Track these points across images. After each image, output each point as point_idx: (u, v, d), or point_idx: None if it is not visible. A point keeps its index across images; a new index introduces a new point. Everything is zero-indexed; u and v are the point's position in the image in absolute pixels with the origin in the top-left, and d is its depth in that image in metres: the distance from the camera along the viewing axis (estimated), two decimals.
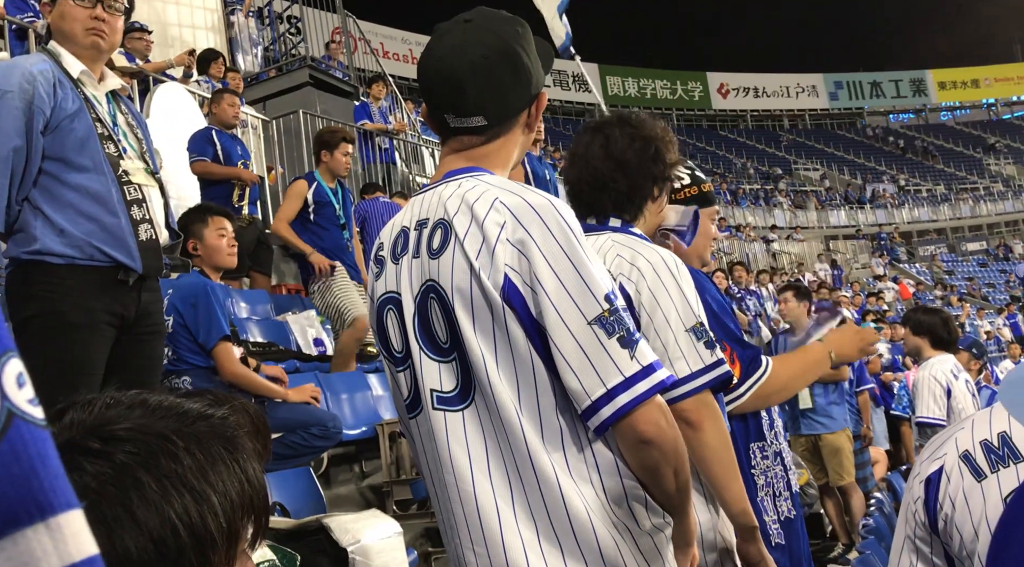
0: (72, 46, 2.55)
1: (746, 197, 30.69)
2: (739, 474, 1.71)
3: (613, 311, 1.26)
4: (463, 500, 1.31)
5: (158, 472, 0.65)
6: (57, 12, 2.55)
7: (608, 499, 1.29)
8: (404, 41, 35.05)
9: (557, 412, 1.29)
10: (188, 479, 0.66)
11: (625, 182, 1.89)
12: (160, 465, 0.66)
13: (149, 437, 0.67)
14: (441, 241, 1.36)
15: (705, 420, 1.64)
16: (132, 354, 2.60)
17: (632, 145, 1.88)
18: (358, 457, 4.88)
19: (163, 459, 0.66)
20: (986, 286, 27.89)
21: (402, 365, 1.43)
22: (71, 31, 2.53)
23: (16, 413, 0.42)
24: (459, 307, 1.31)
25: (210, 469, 0.68)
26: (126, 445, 0.66)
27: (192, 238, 3.45)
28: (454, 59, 1.39)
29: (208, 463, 0.68)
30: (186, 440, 0.68)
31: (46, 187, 2.43)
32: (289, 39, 11.10)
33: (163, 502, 0.64)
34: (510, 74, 1.40)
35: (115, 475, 0.64)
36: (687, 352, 1.67)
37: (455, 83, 1.39)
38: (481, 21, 1.43)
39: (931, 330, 4.60)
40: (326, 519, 2.69)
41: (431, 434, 1.36)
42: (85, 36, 2.54)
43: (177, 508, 0.65)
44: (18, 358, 0.44)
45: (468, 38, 1.40)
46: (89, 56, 2.57)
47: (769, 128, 45.40)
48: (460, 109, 1.41)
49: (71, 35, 2.54)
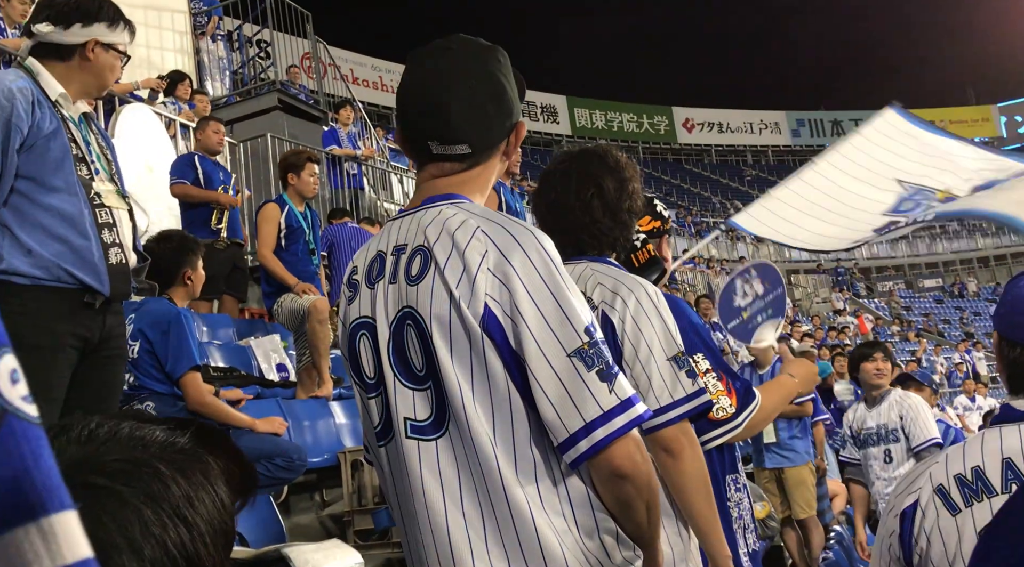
0: (92, 89, 2.63)
1: (710, 230, 31.05)
2: (714, 503, 1.73)
3: (592, 344, 1.25)
4: (434, 531, 1.29)
5: (155, 504, 0.65)
6: (108, 60, 2.61)
7: (580, 533, 1.28)
8: (374, 68, 35.13)
9: (532, 444, 1.28)
10: (180, 509, 0.66)
11: (619, 229, 1.96)
12: (155, 496, 0.65)
13: (141, 469, 0.67)
14: (420, 268, 1.34)
15: (685, 448, 1.65)
16: (93, 378, 2.55)
17: (623, 192, 1.94)
18: (319, 485, 4.81)
19: (157, 489, 0.66)
20: (942, 322, 28.44)
21: (374, 392, 1.40)
22: (108, 80, 2.66)
23: (9, 410, 0.40)
24: (437, 335, 1.29)
25: (195, 496, 0.68)
26: (120, 478, 0.65)
27: (188, 268, 3.55)
28: (439, 86, 1.38)
29: (192, 490, 0.68)
30: (171, 469, 0.68)
31: (17, 206, 2.39)
32: (259, 63, 11.07)
33: (163, 533, 0.64)
34: (495, 103, 1.40)
35: (116, 508, 0.63)
36: (669, 381, 1.69)
37: (441, 110, 1.38)
38: (462, 49, 1.43)
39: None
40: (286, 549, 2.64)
41: (402, 463, 1.34)
42: (110, 82, 2.69)
43: (174, 538, 0.64)
44: (12, 354, 0.42)
45: (453, 66, 1.40)
46: (91, 94, 2.66)
47: (733, 163, 46.11)
48: (445, 137, 1.40)
49: (104, 84, 2.66)
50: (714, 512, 1.71)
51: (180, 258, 3.55)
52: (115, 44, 2.60)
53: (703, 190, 40.55)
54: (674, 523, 1.75)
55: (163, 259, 3.37)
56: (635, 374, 1.71)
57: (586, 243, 1.95)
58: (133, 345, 3.18)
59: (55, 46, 2.54)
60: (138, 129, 6.85)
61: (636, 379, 1.71)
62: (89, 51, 2.56)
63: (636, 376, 1.71)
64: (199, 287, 3.65)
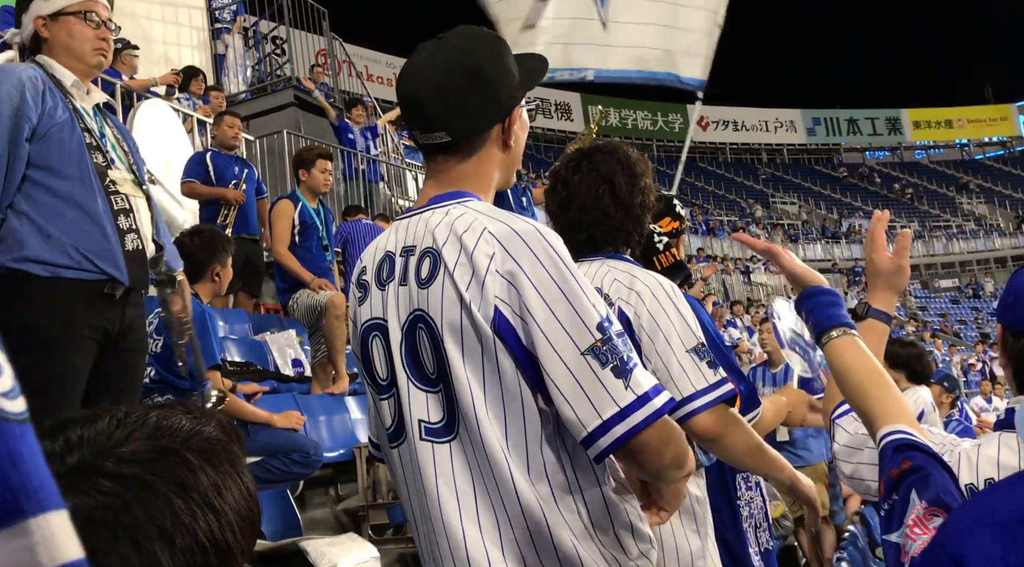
0: (74, 62, 2.56)
1: (723, 229, 30.96)
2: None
3: (606, 340, 1.25)
4: (448, 534, 1.30)
5: (184, 493, 0.66)
6: (63, 29, 2.55)
7: (595, 531, 1.29)
8: (388, 65, 35.18)
9: (543, 445, 1.29)
10: (209, 497, 0.67)
11: (633, 224, 1.97)
12: (184, 485, 0.66)
13: (170, 457, 0.67)
14: (430, 271, 1.34)
15: (723, 433, 1.67)
16: (113, 370, 2.57)
17: (634, 187, 1.95)
18: (334, 480, 4.83)
19: (186, 478, 0.67)
20: (958, 322, 28.26)
21: (386, 393, 1.41)
22: (80, 49, 2.56)
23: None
24: (448, 339, 1.30)
25: (222, 485, 0.69)
26: (149, 467, 0.66)
27: (217, 264, 3.58)
28: (418, 77, 1.40)
29: (220, 479, 0.69)
30: (199, 458, 0.69)
31: (32, 195, 2.41)
32: (275, 59, 11.13)
33: (193, 522, 0.65)
34: (472, 88, 1.39)
35: (146, 497, 0.64)
36: (691, 372, 1.69)
37: (418, 100, 1.40)
38: (453, 39, 1.43)
39: (907, 364, 4.68)
40: (303, 542, 2.67)
41: (416, 465, 1.34)
42: (93, 55, 2.58)
43: (203, 527, 0.65)
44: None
45: (435, 56, 1.41)
46: (86, 72, 2.59)
47: (747, 161, 45.95)
48: (424, 125, 1.41)
49: (79, 53, 2.56)
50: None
51: (210, 254, 3.57)
52: (64, 9, 2.53)
53: (717, 188, 40.42)
54: (692, 521, 1.76)
55: (193, 254, 3.40)
56: (655, 367, 1.72)
57: (600, 239, 1.95)
58: (158, 339, 3.20)
59: (35, 42, 2.58)
60: (156, 124, 6.90)
61: (656, 372, 1.71)
62: (42, 30, 2.55)
63: (656, 369, 1.71)
64: (226, 284, 3.68)
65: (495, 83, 1.40)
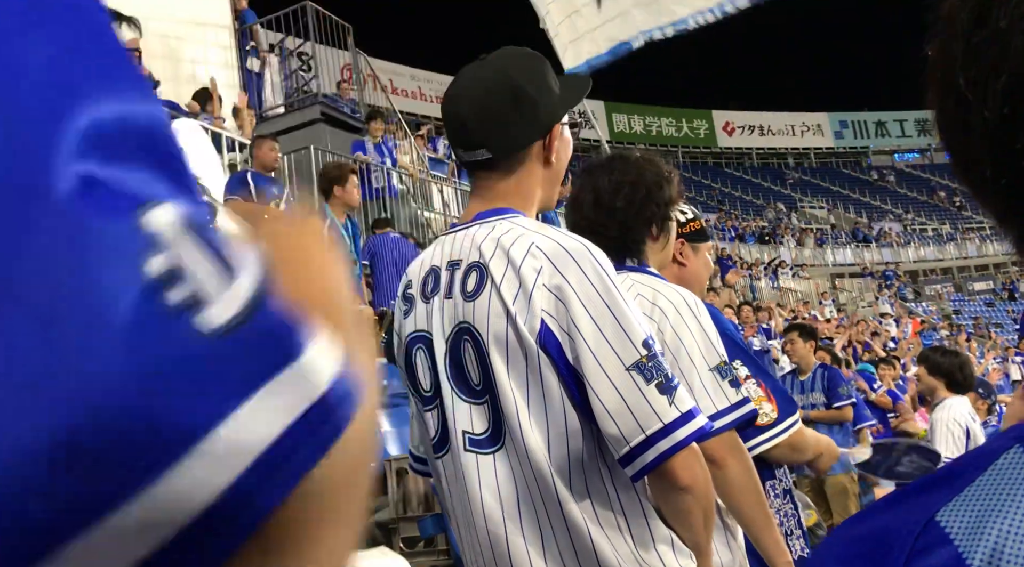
0: None
1: (752, 234, 30.76)
2: (767, 509, 1.72)
3: (651, 357, 1.26)
4: (493, 545, 1.32)
5: None
6: None
7: (636, 545, 1.30)
8: (413, 78, 35.50)
9: (585, 459, 1.30)
10: None
11: (616, 228, 1.88)
12: None
13: None
14: (476, 284, 1.36)
15: (729, 458, 1.65)
16: None
17: (620, 191, 1.88)
18: None
19: None
20: (993, 326, 27.79)
21: (430, 404, 1.42)
22: None
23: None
24: (494, 351, 1.31)
25: None
26: None
27: None
28: (460, 96, 1.44)
29: None
30: None
31: None
32: (301, 76, 11.25)
33: None
34: (511, 106, 1.41)
35: None
36: (712, 391, 1.68)
37: (460, 119, 1.44)
38: (494, 59, 1.46)
39: (948, 373, 4.61)
40: None
41: (460, 476, 1.36)
42: None
43: None
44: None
45: (476, 75, 1.45)
46: None
47: (774, 166, 45.61)
48: (466, 143, 1.45)
49: None
50: (767, 518, 1.70)
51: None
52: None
53: (744, 193, 40.16)
54: (722, 534, 1.76)
55: None
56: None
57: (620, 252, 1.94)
58: None
59: None
60: (186, 142, 7.02)
61: None
62: None
63: None
64: None
65: (534, 100, 1.43)
